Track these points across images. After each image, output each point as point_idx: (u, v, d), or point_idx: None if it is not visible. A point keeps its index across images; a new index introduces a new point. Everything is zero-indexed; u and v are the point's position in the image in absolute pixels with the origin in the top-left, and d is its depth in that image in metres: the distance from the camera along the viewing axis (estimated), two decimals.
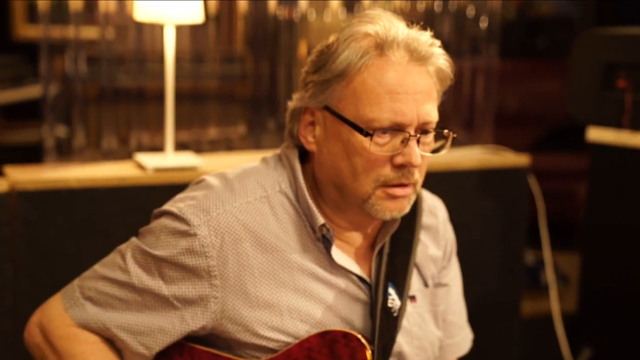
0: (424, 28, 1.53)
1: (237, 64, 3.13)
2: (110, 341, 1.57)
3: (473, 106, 3.22)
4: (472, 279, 2.99)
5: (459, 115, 3.23)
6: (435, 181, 2.83)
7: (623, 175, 2.79)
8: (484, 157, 3.02)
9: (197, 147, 2.84)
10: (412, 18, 1.56)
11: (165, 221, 1.54)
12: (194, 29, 2.91)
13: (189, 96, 2.95)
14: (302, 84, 1.56)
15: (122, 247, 1.59)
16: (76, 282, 1.62)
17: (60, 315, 1.58)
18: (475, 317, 2.94)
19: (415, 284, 1.68)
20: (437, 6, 3.00)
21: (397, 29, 1.49)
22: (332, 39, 1.52)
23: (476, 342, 2.98)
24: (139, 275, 1.53)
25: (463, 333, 1.83)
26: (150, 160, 2.55)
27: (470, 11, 3.10)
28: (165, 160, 2.56)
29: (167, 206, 1.56)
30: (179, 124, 2.85)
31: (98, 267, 1.60)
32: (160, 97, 2.62)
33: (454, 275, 1.81)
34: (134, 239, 1.59)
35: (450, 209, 2.83)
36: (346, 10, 2.96)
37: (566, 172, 4.72)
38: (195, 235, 1.50)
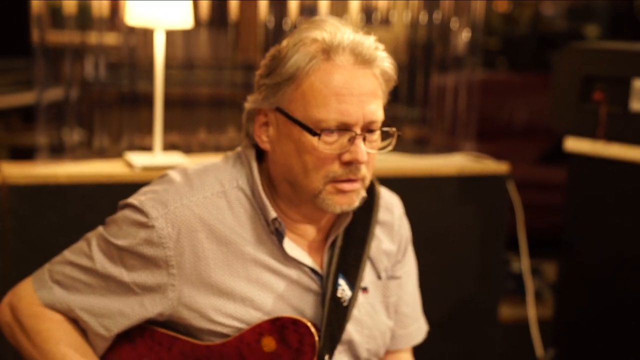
0: (368, 33, 1.63)
1: (229, 71, 3.23)
2: (75, 321, 1.67)
3: (456, 115, 3.29)
4: (451, 284, 3.06)
5: (442, 124, 3.31)
6: (416, 187, 2.92)
7: (598, 184, 2.86)
8: (465, 163, 3.07)
9: (187, 149, 2.94)
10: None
11: (127, 213, 1.64)
12: (187, 36, 3.01)
13: (181, 101, 3.06)
14: (256, 86, 1.65)
15: (89, 235, 1.69)
16: (47, 266, 1.72)
17: (29, 296, 1.68)
18: (454, 322, 3.02)
19: (368, 276, 1.76)
20: (422, 17, 3.08)
21: (343, 33, 1.58)
22: (283, 43, 1.62)
23: (456, 347, 3.06)
24: (102, 262, 1.64)
25: (417, 324, 1.90)
26: (139, 159, 2.65)
27: (454, 23, 3.18)
28: (153, 159, 2.66)
29: (130, 199, 1.66)
30: (171, 128, 2.95)
31: (67, 253, 1.70)
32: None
33: (408, 269, 1.88)
34: (100, 228, 1.69)
35: (431, 214, 2.93)
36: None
37: None
38: (153, 227, 1.60)
